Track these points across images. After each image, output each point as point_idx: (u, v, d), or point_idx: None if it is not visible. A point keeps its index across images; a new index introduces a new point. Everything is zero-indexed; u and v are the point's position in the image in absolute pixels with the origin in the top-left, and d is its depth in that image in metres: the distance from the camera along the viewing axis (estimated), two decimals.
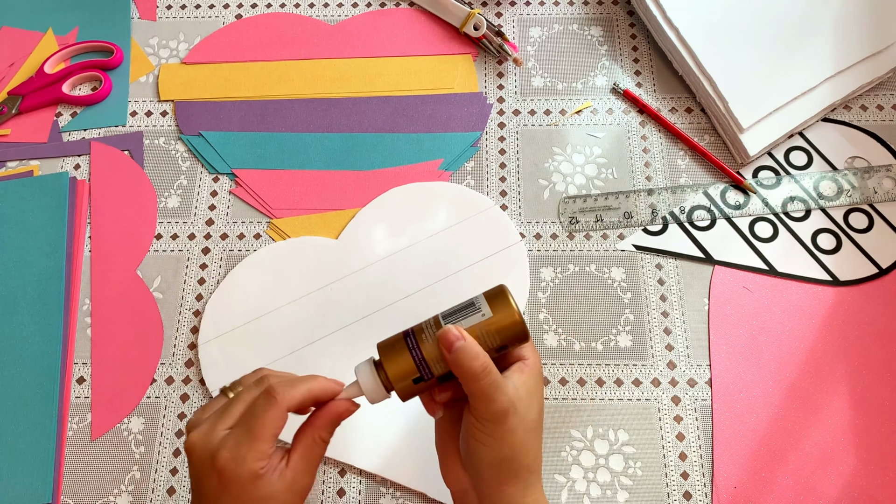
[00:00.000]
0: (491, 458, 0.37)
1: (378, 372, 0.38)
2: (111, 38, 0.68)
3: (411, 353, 0.38)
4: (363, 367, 0.38)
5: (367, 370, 0.38)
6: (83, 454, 0.53)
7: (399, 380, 0.38)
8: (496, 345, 0.38)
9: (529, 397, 0.38)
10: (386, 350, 0.38)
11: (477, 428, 0.37)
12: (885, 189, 0.60)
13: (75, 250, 0.59)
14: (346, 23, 0.69)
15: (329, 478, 0.52)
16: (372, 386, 0.38)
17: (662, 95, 0.65)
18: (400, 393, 0.38)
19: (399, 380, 0.38)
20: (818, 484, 0.50)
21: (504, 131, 0.64)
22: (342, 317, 0.56)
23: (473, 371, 0.36)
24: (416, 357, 0.38)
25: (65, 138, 0.64)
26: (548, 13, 0.69)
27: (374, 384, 0.38)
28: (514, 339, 0.38)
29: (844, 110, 0.63)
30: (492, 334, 0.38)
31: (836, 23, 0.63)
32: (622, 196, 0.60)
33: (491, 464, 0.37)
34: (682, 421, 0.53)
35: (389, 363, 0.38)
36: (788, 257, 0.58)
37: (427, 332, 0.38)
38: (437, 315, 0.39)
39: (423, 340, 0.38)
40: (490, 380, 0.36)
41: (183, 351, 0.56)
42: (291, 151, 0.63)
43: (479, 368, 0.36)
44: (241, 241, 0.60)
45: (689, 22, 0.63)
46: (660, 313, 0.56)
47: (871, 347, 0.54)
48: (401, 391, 0.38)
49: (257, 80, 0.66)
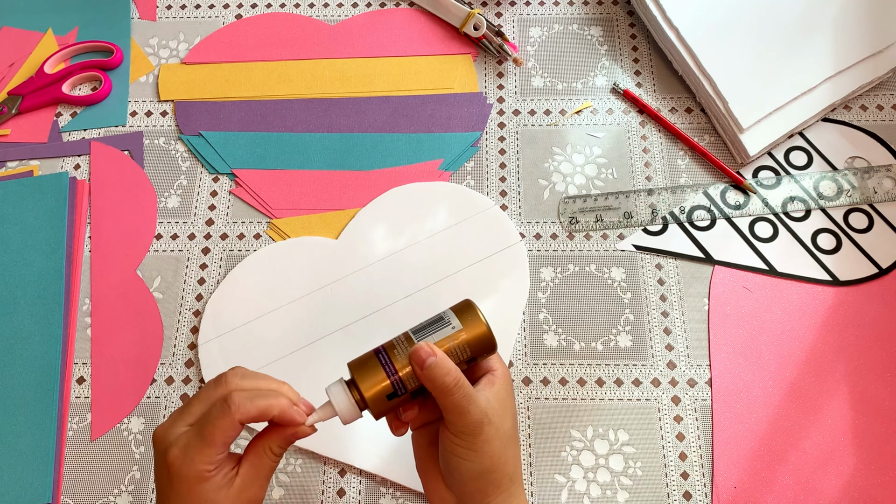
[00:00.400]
0: (472, 471, 0.38)
1: (351, 390, 0.38)
2: (111, 38, 0.68)
3: (385, 370, 0.38)
4: (335, 387, 0.38)
5: (340, 390, 0.38)
6: (83, 454, 0.53)
7: (373, 396, 0.38)
8: (466, 357, 0.39)
9: (502, 407, 0.38)
10: (358, 368, 0.38)
11: (455, 443, 0.37)
12: (885, 189, 0.60)
13: (75, 250, 0.59)
14: (346, 23, 0.69)
15: (329, 478, 0.52)
16: (346, 405, 0.38)
17: (662, 95, 0.65)
18: (374, 410, 0.38)
19: (373, 396, 0.38)
20: (818, 484, 0.50)
21: (504, 131, 0.64)
22: (342, 317, 0.56)
23: (446, 386, 0.36)
24: (389, 373, 0.38)
25: (65, 138, 0.64)
26: (548, 13, 0.69)
27: (348, 404, 0.38)
28: (483, 350, 0.39)
29: (844, 110, 0.63)
30: (462, 347, 0.38)
31: (836, 23, 0.63)
32: (622, 196, 0.60)
33: (472, 477, 0.38)
34: (682, 421, 0.53)
35: (363, 380, 0.38)
36: (788, 257, 0.58)
37: (399, 349, 0.38)
38: (406, 331, 0.39)
39: (396, 356, 0.38)
40: (462, 393, 0.37)
41: (183, 351, 0.56)
42: (291, 151, 0.63)
43: (452, 383, 0.37)
44: (241, 241, 0.60)
45: (689, 22, 0.63)
46: (660, 313, 0.56)
47: (871, 347, 0.54)
48: (374, 408, 0.38)
49: (257, 80, 0.66)
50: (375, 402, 0.38)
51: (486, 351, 0.39)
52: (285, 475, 0.52)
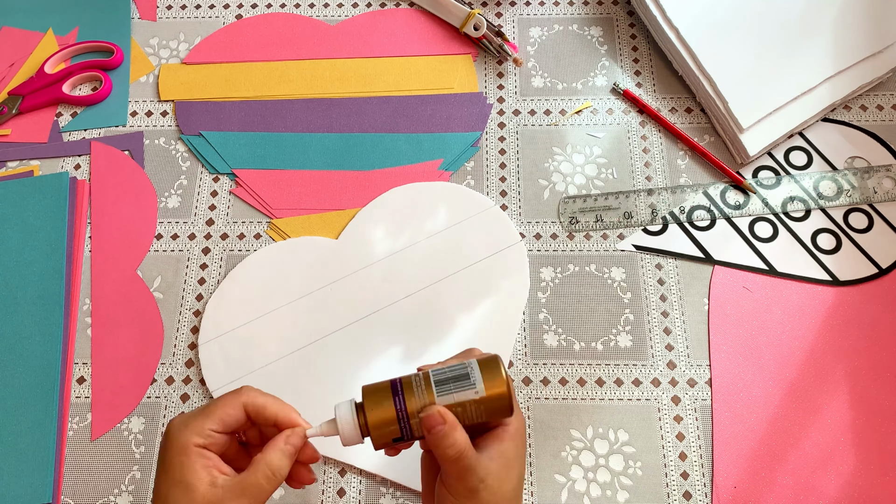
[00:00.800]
0: None
1: (358, 415, 0.37)
2: (111, 38, 0.68)
3: (396, 407, 0.37)
4: (344, 406, 0.37)
5: (348, 411, 0.37)
6: (83, 454, 0.53)
7: (378, 431, 0.37)
8: (481, 420, 0.37)
9: (507, 468, 0.37)
10: (370, 396, 0.37)
11: (448, 500, 0.37)
12: (885, 189, 0.60)
13: (75, 250, 0.59)
14: (346, 23, 0.69)
15: (329, 478, 0.52)
16: (349, 429, 0.37)
17: (662, 95, 0.65)
18: (376, 444, 0.37)
19: (378, 431, 0.37)
20: (818, 484, 0.50)
21: (504, 131, 0.64)
22: (342, 317, 0.56)
23: (448, 456, 0.36)
24: (399, 411, 0.37)
25: (65, 138, 0.64)
26: (548, 13, 0.69)
27: (352, 428, 0.37)
28: (498, 416, 0.38)
29: (844, 110, 0.63)
30: (479, 411, 0.37)
31: (836, 23, 0.63)
32: (622, 196, 0.60)
33: None
34: (682, 421, 0.53)
35: (372, 411, 0.37)
36: (788, 257, 0.58)
37: (416, 390, 0.37)
38: (429, 373, 0.38)
39: (410, 399, 0.37)
40: (463, 464, 0.36)
41: (183, 351, 0.56)
42: (291, 151, 0.63)
43: (454, 455, 0.36)
44: (241, 241, 0.60)
45: (689, 22, 0.63)
46: (660, 313, 0.56)
47: (871, 347, 0.54)
48: (377, 443, 0.37)
49: (257, 80, 0.66)
50: (379, 440, 0.37)
51: (501, 416, 0.38)
52: None
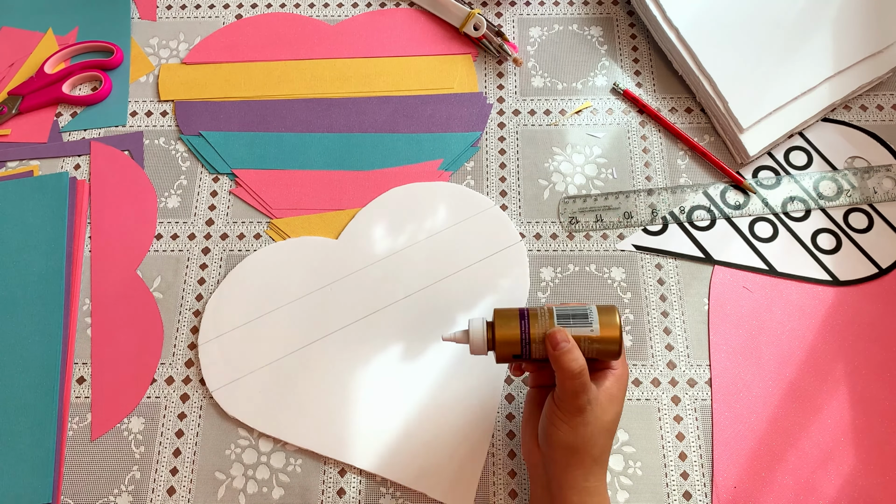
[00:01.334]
0: (561, 441, 0.43)
1: (487, 330, 0.44)
2: (111, 38, 0.68)
3: (520, 329, 0.44)
4: (477, 321, 0.45)
5: (480, 326, 0.44)
6: (83, 454, 0.53)
7: (502, 346, 0.44)
8: (591, 356, 0.43)
9: (609, 402, 0.43)
10: (501, 317, 0.44)
11: (556, 415, 0.43)
12: (885, 189, 0.60)
13: (75, 250, 0.59)
14: (346, 23, 0.69)
15: (329, 478, 0.52)
16: (479, 339, 0.44)
17: (662, 95, 0.65)
18: (498, 356, 0.44)
19: (502, 346, 0.44)
20: (818, 484, 0.50)
21: (504, 131, 0.64)
22: (342, 317, 0.56)
23: (571, 370, 0.41)
24: (523, 333, 0.43)
25: (65, 138, 0.64)
26: (548, 13, 0.69)
27: (481, 340, 0.44)
28: (608, 357, 0.44)
29: (844, 110, 0.63)
30: (591, 349, 0.43)
31: (836, 23, 0.63)
32: (622, 196, 0.60)
33: (560, 446, 0.43)
34: (682, 421, 0.53)
35: (500, 329, 0.44)
36: (788, 257, 0.58)
37: (540, 320, 0.44)
38: (552, 307, 0.44)
39: (534, 325, 0.44)
40: (581, 381, 0.42)
41: (183, 351, 0.56)
42: (291, 151, 0.63)
43: (577, 369, 0.41)
44: (241, 241, 0.60)
45: (689, 22, 0.63)
46: (660, 313, 0.56)
47: (870, 347, 0.54)
48: (499, 355, 0.44)
49: (257, 80, 0.66)
50: (502, 354, 0.44)
51: (609, 357, 0.44)
52: (285, 475, 0.52)
